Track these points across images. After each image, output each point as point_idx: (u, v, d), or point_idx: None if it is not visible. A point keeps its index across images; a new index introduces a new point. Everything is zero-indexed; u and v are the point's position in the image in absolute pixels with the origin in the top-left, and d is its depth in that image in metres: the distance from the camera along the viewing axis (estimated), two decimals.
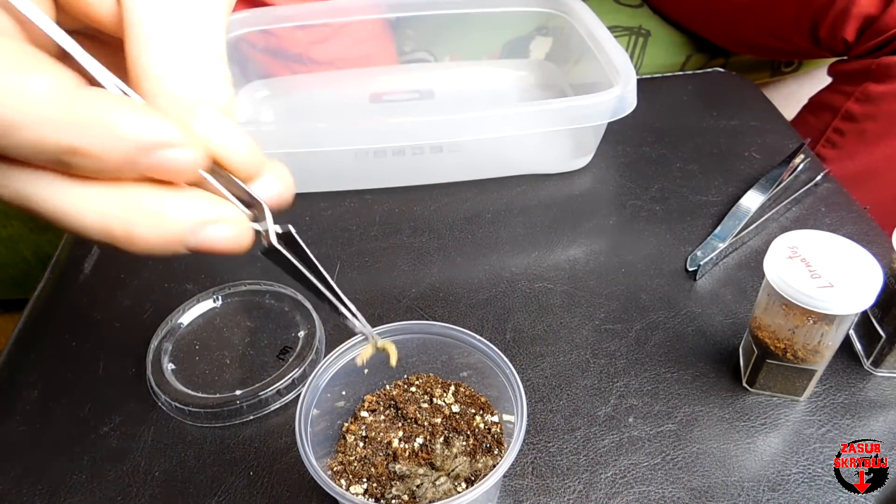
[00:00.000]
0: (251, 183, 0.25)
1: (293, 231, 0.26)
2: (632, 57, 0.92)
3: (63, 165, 0.21)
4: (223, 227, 0.23)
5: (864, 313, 0.47)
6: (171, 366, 0.48)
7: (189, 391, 0.46)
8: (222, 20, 0.25)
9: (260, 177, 0.25)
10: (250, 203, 0.25)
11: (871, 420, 0.44)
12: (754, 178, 0.63)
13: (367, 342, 0.36)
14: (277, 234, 0.26)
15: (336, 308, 0.31)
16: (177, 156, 0.22)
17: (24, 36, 0.22)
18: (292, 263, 0.27)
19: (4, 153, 0.20)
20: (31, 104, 0.20)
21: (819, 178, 0.63)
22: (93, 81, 0.22)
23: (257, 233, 0.25)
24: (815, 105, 0.82)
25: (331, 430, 0.41)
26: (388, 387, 0.44)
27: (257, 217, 0.25)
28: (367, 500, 0.38)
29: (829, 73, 0.80)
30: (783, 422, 0.44)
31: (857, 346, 0.48)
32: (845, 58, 0.77)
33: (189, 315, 0.52)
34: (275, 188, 0.26)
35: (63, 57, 0.21)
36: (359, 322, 0.33)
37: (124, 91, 0.22)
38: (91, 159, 0.21)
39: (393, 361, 0.37)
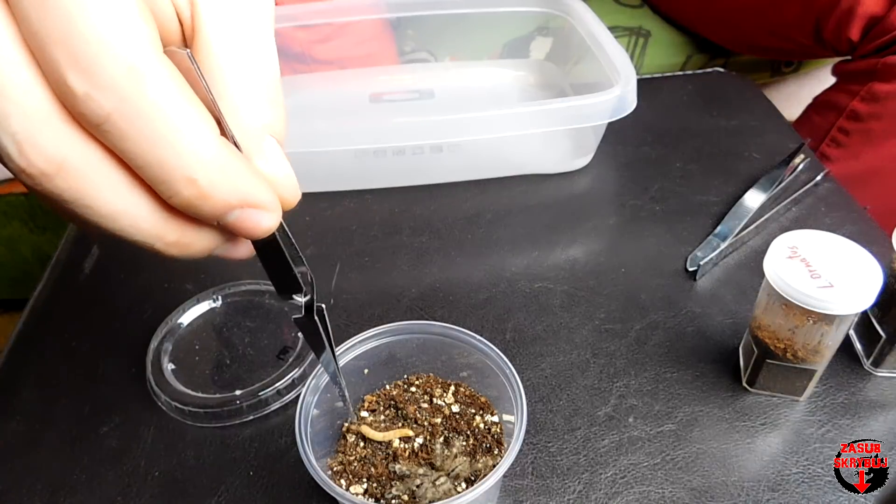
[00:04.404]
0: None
1: (325, 309, 0.32)
2: (632, 57, 0.92)
3: (164, 188, 0.21)
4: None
5: (864, 313, 0.47)
6: (171, 366, 0.48)
7: (189, 391, 0.46)
8: (273, 40, 0.25)
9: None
10: (304, 280, 0.29)
11: (871, 420, 0.44)
12: (754, 178, 0.63)
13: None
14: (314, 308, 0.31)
15: (335, 380, 0.37)
16: (261, 218, 0.23)
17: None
18: (319, 333, 0.33)
19: (130, 160, 0.21)
20: (184, 149, 0.21)
21: (819, 178, 0.63)
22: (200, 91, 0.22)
23: (296, 302, 0.30)
24: (820, 104, 0.82)
25: (331, 430, 0.41)
26: (388, 387, 0.44)
27: (305, 291, 0.30)
28: (367, 500, 0.38)
29: (834, 72, 0.80)
30: (783, 422, 0.44)
31: (857, 346, 0.48)
32: (849, 58, 0.76)
33: (189, 315, 0.52)
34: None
35: None
36: (349, 405, 0.39)
37: (219, 119, 0.23)
38: (202, 200, 0.22)
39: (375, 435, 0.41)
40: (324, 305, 0.32)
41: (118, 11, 0.19)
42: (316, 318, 0.32)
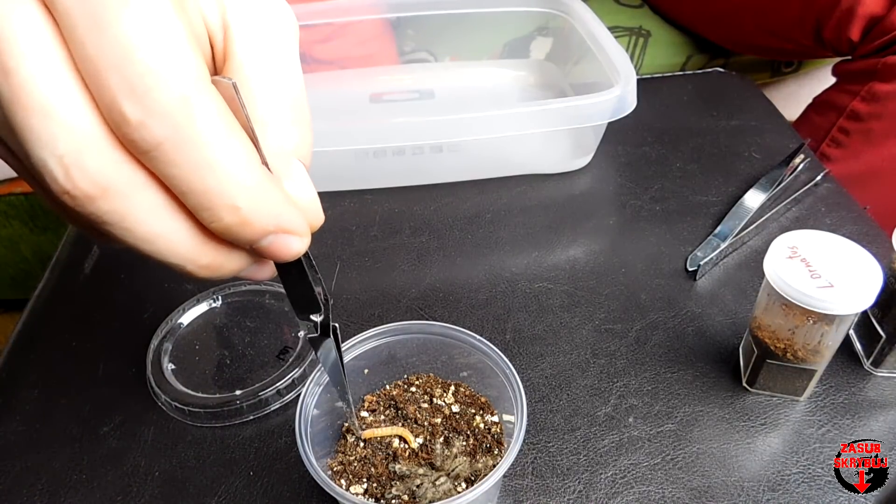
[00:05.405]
0: None
1: (338, 328, 0.32)
2: (632, 57, 0.92)
3: (203, 213, 0.22)
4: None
5: (864, 313, 0.47)
6: (171, 366, 0.48)
7: (189, 391, 0.46)
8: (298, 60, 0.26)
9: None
10: (320, 300, 0.29)
11: (871, 420, 0.44)
12: (754, 178, 0.63)
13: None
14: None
15: (344, 396, 0.37)
16: (293, 243, 0.24)
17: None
18: (332, 350, 0.33)
19: (174, 186, 0.21)
20: (229, 177, 0.21)
21: (819, 178, 0.63)
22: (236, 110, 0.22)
23: (310, 321, 0.30)
24: (821, 104, 0.82)
25: (331, 430, 0.41)
26: (388, 387, 0.44)
27: (321, 311, 0.30)
28: (367, 500, 0.38)
29: (834, 72, 0.80)
30: (783, 422, 0.44)
31: (857, 346, 0.48)
32: (849, 58, 0.77)
33: (189, 315, 0.52)
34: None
35: None
36: (354, 418, 0.39)
37: (254, 140, 0.23)
38: (242, 226, 0.22)
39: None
40: (337, 325, 0.32)
41: (172, 42, 0.20)
42: (331, 336, 0.32)
